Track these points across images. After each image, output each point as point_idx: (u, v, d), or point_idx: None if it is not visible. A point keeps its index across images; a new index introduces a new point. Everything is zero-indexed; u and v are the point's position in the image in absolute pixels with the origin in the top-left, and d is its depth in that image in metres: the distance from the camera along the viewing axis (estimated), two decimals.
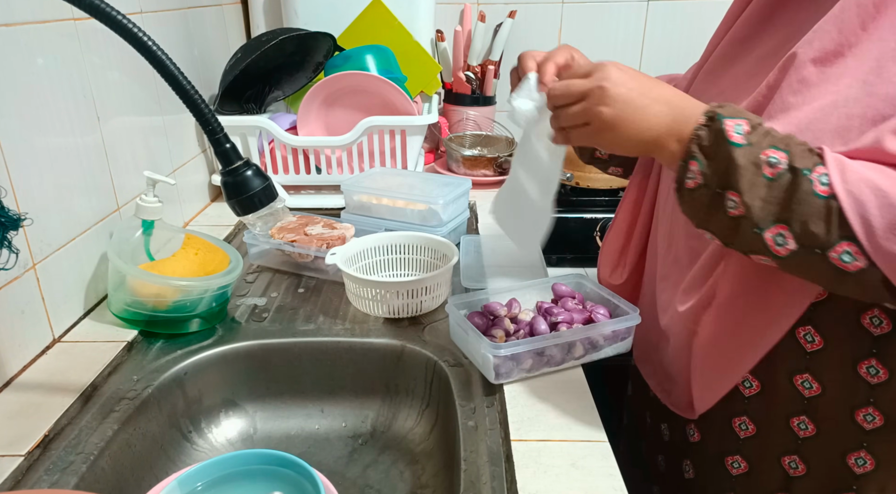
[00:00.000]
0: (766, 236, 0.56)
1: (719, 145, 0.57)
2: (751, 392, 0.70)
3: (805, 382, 0.64)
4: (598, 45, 1.68)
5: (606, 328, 0.74)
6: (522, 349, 0.70)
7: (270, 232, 0.95)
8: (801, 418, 0.67)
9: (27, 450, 0.61)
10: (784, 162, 0.54)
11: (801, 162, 0.54)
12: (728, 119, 0.56)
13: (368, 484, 0.74)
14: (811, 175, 0.53)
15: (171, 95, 0.58)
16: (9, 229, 0.59)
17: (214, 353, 0.80)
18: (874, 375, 0.63)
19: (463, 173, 1.41)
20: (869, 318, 0.61)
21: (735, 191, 0.56)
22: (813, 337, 0.64)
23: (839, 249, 0.53)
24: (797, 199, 0.54)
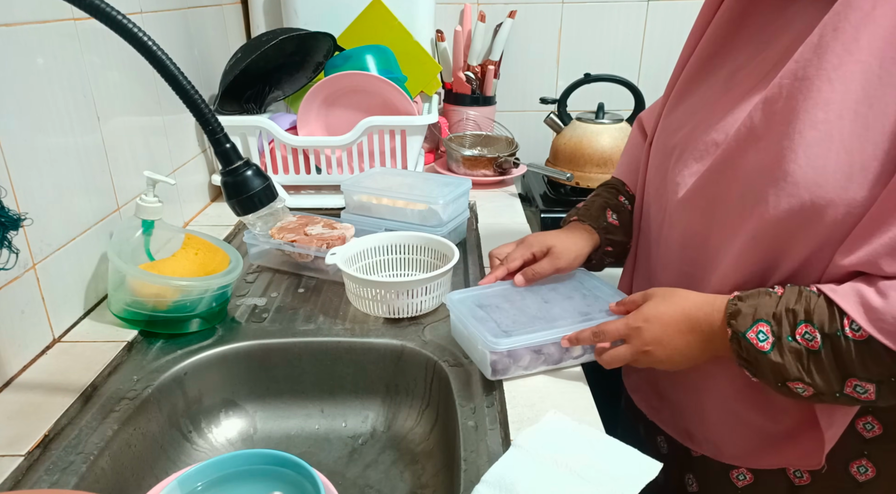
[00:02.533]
0: (846, 392, 0.58)
1: (756, 357, 0.60)
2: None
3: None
4: (598, 45, 1.68)
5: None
6: (520, 346, 0.70)
7: (270, 232, 0.95)
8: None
9: (27, 450, 0.61)
10: (816, 335, 0.58)
11: (829, 327, 0.57)
12: (749, 332, 0.60)
13: (368, 484, 0.74)
14: (845, 331, 0.56)
15: (171, 95, 0.58)
16: (9, 229, 0.59)
17: (214, 353, 0.80)
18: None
19: (463, 173, 1.41)
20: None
21: (793, 381, 0.59)
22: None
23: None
24: (845, 356, 0.57)
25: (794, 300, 0.59)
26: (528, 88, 1.72)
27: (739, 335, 0.60)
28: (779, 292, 0.61)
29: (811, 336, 0.58)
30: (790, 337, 0.58)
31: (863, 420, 0.66)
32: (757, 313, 0.60)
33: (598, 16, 1.66)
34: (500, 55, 1.61)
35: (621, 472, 0.58)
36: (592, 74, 1.49)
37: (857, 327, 0.56)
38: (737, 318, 0.61)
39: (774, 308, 0.60)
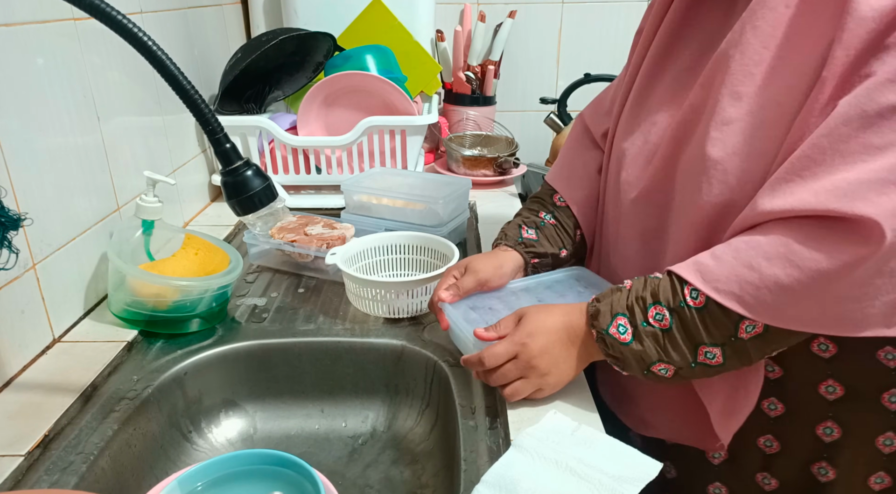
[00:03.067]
0: (700, 361, 0.63)
1: (620, 350, 0.64)
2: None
3: (768, 366, 0.70)
4: (597, 45, 1.68)
5: None
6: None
7: (270, 232, 0.95)
8: (770, 399, 0.72)
9: (27, 450, 0.61)
10: (665, 313, 0.62)
11: (674, 301, 0.62)
12: (611, 328, 0.64)
13: (368, 484, 0.74)
14: (686, 301, 0.61)
15: (171, 95, 0.58)
16: (9, 229, 0.59)
17: (214, 353, 0.80)
18: (825, 350, 0.68)
19: (463, 173, 1.41)
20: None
21: (655, 363, 0.64)
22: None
23: (742, 328, 0.60)
24: (692, 326, 0.61)
25: (641, 288, 0.64)
26: (528, 88, 1.73)
27: (603, 333, 0.64)
28: (627, 285, 0.66)
29: (661, 316, 0.62)
30: (644, 323, 0.63)
31: (824, 384, 0.70)
32: (613, 308, 0.64)
33: (598, 16, 1.66)
34: (500, 55, 1.61)
35: (621, 472, 0.58)
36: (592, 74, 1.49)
37: (696, 293, 0.60)
38: (598, 318, 0.65)
39: (626, 301, 0.64)
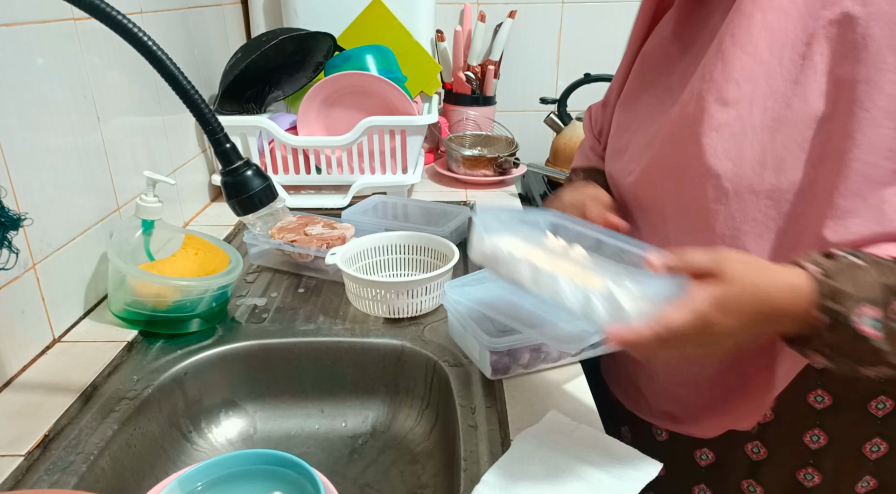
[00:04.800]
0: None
1: (850, 345, 0.53)
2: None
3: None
4: (597, 45, 1.68)
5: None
6: (519, 345, 0.70)
7: (270, 232, 0.95)
8: None
9: (27, 450, 0.61)
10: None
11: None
12: (852, 316, 0.51)
13: (368, 484, 0.74)
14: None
15: (171, 95, 0.58)
16: (9, 229, 0.59)
17: (214, 353, 0.80)
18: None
19: (463, 173, 1.41)
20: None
21: (885, 366, 0.54)
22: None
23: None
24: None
25: (881, 273, 0.51)
26: (528, 88, 1.72)
27: (844, 320, 0.51)
28: (858, 261, 0.53)
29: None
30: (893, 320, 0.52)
31: (814, 394, 0.70)
32: (859, 292, 0.51)
33: (598, 16, 1.66)
34: (500, 55, 1.61)
35: (621, 472, 0.58)
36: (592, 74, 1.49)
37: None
38: (837, 298, 0.51)
39: (872, 284, 0.51)
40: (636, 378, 0.84)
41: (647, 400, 0.83)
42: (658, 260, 0.54)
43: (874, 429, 0.71)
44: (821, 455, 0.73)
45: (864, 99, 0.57)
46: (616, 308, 0.51)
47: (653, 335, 0.50)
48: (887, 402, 0.69)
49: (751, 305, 0.52)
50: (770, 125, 0.61)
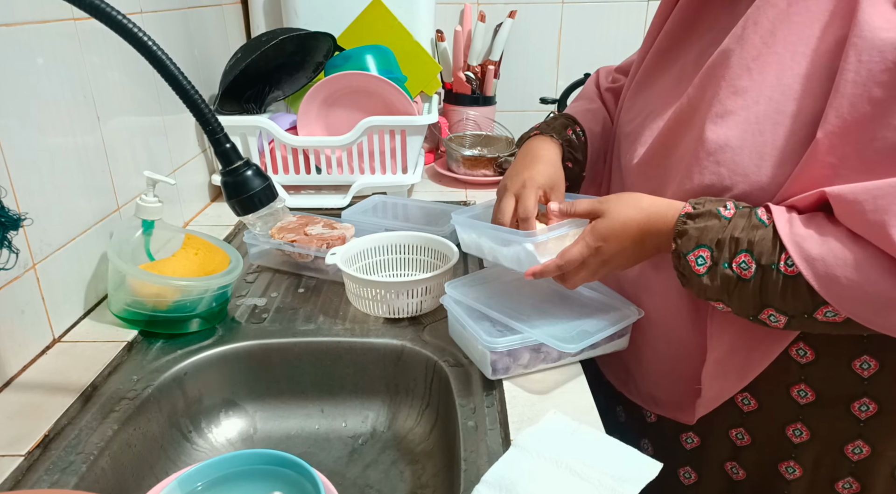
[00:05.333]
0: (760, 318, 0.63)
1: (689, 274, 0.64)
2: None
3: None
4: (597, 45, 1.68)
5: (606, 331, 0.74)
6: (519, 345, 0.70)
7: (270, 232, 0.95)
8: (745, 394, 0.75)
9: (27, 450, 0.61)
10: (752, 266, 0.61)
11: (767, 258, 0.60)
12: (690, 254, 0.63)
13: (368, 484, 0.74)
14: (779, 265, 0.59)
15: (171, 95, 0.58)
16: (9, 229, 0.59)
17: (214, 353, 0.80)
18: (802, 356, 0.70)
19: (463, 173, 1.42)
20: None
21: (716, 301, 0.64)
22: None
23: (821, 311, 0.59)
24: (772, 288, 0.60)
25: (741, 228, 0.61)
26: (528, 88, 1.72)
27: (681, 254, 0.64)
28: (728, 213, 0.62)
29: (747, 266, 0.61)
30: (726, 264, 0.62)
31: (797, 388, 0.72)
32: (701, 237, 0.63)
33: (598, 16, 1.66)
34: (500, 55, 1.61)
35: (621, 472, 0.58)
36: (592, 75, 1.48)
37: (792, 263, 0.59)
38: (682, 238, 0.64)
39: (720, 234, 0.62)
40: (626, 361, 0.85)
41: (636, 382, 0.85)
42: (554, 207, 0.73)
43: (856, 431, 0.71)
44: (802, 450, 0.74)
45: (829, 100, 0.58)
46: (529, 256, 0.71)
47: (554, 265, 0.69)
48: (870, 405, 0.70)
49: (625, 232, 0.67)
50: (774, 117, 0.62)
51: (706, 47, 0.73)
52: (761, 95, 0.62)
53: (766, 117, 0.62)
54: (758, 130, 0.62)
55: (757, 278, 0.60)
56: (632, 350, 0.81)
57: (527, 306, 0.78)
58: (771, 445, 0.76)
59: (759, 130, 0.62)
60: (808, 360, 0.70)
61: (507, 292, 0.81)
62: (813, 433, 0.73)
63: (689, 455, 0.82)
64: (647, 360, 0.82)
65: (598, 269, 0.70)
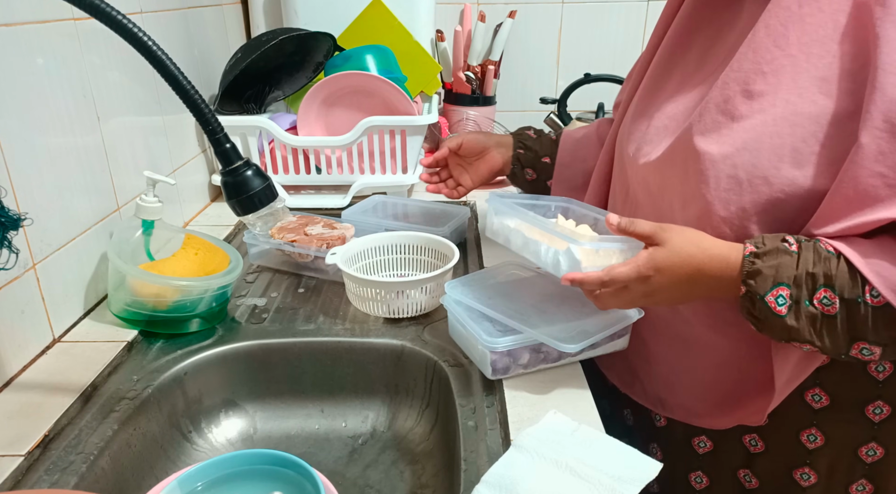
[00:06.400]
0: (852, 354, 0.60)
1: (769, 317, 0.60)
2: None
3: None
4: (597, 45, 1.68)
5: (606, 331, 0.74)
6: (519, 345, 0.70)
7: (270, 232, 0.95)
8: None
9: (27, 450, 0.61)
10: (835, 301, 0.58)
11: (850, 292, 0.57)
12: (768, 295, 0.59)
13: (368, 484, 0.74)
14: (864, 297, 0.57)
15: (171, 95, 0.58)
16: (9, 229, 0.59)
17: (214, 353, 0.80)
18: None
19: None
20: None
21: (803, 342, 0.60)
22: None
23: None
24: (860, 321, 0.58)
25: (812, 262, 0.58)
26: (528, 88, 1.72)
27: (756, 297, 0.60)
28: (794, 248, 0.60)
29: (829, 302, 0.58)
30: (808, 302, 0.59)
31: (811, 392, 0.71)
32: (778, 275, 0.59)
33: (598, 16, 1.66)
34: (500, 55, 1.61)
35: (621, 472, 0.58)
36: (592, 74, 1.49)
37: (877, 293, 0.56)
38: (755, 278, 0.60)
39: (795, 271, 0.59)
40: (632, 361, 0.84)
41: (643, 384, 0.84)
42: (615, 219, 0.67)
43: (870, 434, 0.71)
44: (817, 455, 0.73)
45: (867, 101, 0.57)
46: (573, 261, 0.67)
47: (597, 279, 0.65)
48: (884, 407, 0.69)
49: (681, 268, 0.63)
50: (791, 119, 0.61)
51: (709, 46, 0.72)
52: (777, 97, 0.62)
53: (784, 120, 0.61)
54: (775, 132, 0.61)
55: (843, 313, 0.58)
56: (638, 351, 0.81)
57: (527, 306, 0.78)
58: (785, 452, 0.75)
59: (776, 133, 0.61)
60: (823, 363, 0.69)
61: (507, 292, 0.81)
62: (827, 438, 0.72)
63: (701, 459, 0.81)
64: (655, 361, 0.81)
65: (638, 298, 0.66)
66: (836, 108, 0.59)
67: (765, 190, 0.62)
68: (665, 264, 0.63)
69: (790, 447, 0.74)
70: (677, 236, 0.63)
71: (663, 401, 0.82)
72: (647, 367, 0.83)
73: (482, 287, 0.82)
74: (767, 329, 0.62)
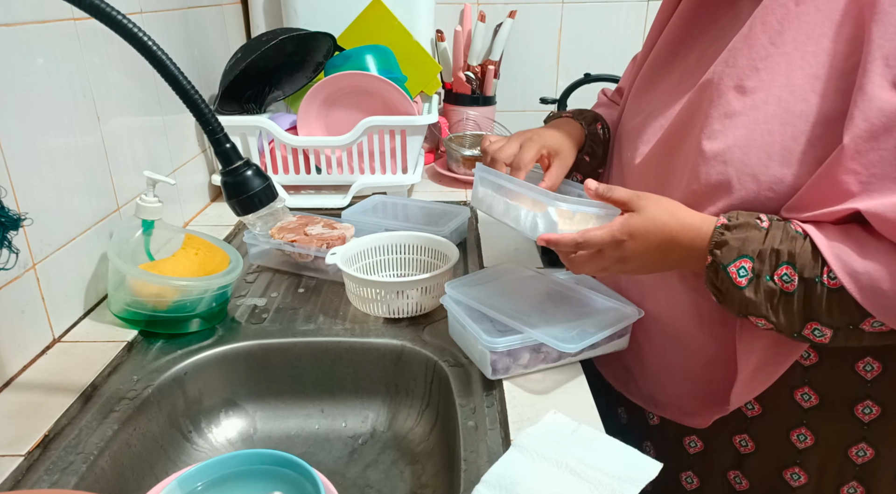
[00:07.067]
0: (804, 333, 0.61)
1: (729, 288, 0.62)
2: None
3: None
4: (597, 45, 1.68)
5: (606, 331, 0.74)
6: (519, 345, 0.70)
7: (270, 232, 0.95)
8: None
9: (27, 450, 0.61)
10: (795, 278, 0.59)
11: (809, 272, 0.58)
12: (731, 266, 0.61)
13: (368, 484, 0.74)
14: (822, 278, 0.58)
15: (171, 95, 0.58)
16: (9, 229, 0.59)
17: (214, 353, 0.80)
18: (806, 358, 0.69)
19: (463, 173, 1.41)
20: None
21: (758, 317, 0.62)
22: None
23: (868, 322, 0.58)
24: (816, 301, 0.59)
25: (779, 240, 0.60)
26: (528, 88, 1.72)
27: (720, 267, 0.61)
28: (765, 225, 0.61)
29: (789, 279, 0.59)
30: (769, 277, 0.60)
31: (800, 391, 0.71)
32: (743, 247, 0.60)
33: (598, 16, 1.66)
34: (500, 55, 1.61)
35: (621, 472, 0.58)
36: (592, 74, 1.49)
37: (834, 276, 0.58)
38: (721, 249, 0.61)
39: (761, 245, 0.60)
40: (627, 361, 0.85)
41: (636, 382, 0.85)
42: (592, 184, 0.67)
43: (860, 434, 0.71)
44: (807, 455, 0.73)
45: (852, 102, 0.57)
46: (550, 223, 0.68)
47: (572, 240, 0.65)
48: (874, 408, 0.69)
49: (654, 235, 0.64)
50: (783, 117, 0.61)
51: (708, 46, 0.72)
52: (770, 95, 0.62)
53: (775, 117, 0.61)
54: (766, 130, 0.62)
55: (800, 292, 0.59)
56: (633, 350, 0.81)
57: (527, 306, 0.78)
58: (775, 452, 0.75)
59: (767, 130, 0.62)
60: (811, 362, 0.69)
61: (507, 292, 0.81)
62: (817, 437, 0.72)
63: (692, 459, 0.82)
64: (648, 360, 0.81)
65: (611, 264, 0.67)
66: (826, 107, 0.59)
67: (752, 188, 0.63)
68: (639, 231, 0.64)
69: (780, 447, 0.74)
70: (653, 205, 0.64)
71: (655, 400, 0.82)
72: (640, 365, 0.83)
73: (482, 287, 0.82)
74: (727, 301, 0.63)
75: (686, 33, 0.77)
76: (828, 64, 0.60)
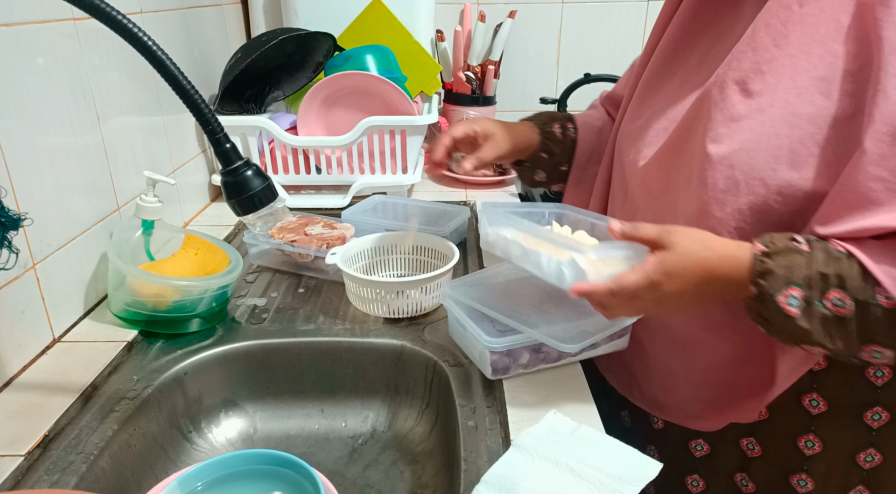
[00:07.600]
0: (863, 356, 0.58)
1: (780, 319, 0.58)
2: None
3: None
4: (597, 45, 1.68)
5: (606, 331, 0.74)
6: (519, 345, 0.70)
7: (270, 232, 0.95)
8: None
9: (27, 450, 0.61)
10: (848, 302, 0.56)
11: (863, 293, 0.55)
12: (780, 295, 0.57)
13: (368, 484, 0.74)
14: (877, 300, 0.55)
15: (171, 95, 0.58)
16: (9, 229, 0.59)
17: (214, 353, 0.80)
18: (815, 364, 0.69)
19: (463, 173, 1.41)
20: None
21: (813, 344, 0.58)
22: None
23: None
24: (873, 323, 0.56)
25: (823, 262, 0.56)
26: (528, 88, 1.72)
27: (768, 297, 0.57)
28: (805, 247, 0.58)
29: (842, 303, 0.56)
30: (819, 302, 0.56)
31: (808, 397, 0.71)
32: (789, 275, 0.56)
33: (598, 16, 1.66)
34: (500, 55, 1.61)
35: (621, 472, 0.58)
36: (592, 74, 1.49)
37: (890, 296, 0.55)
38: (766, 278, 0.57)
39: (807, 270, 0.56)
40: (630, 364, 0.84)
41: (640, 386, 0.84)
42: (617, 226, 0.63)
43: (868, 439, 0.71)
44: (814, 462, 0.73)
45: (870, 105, 0.56)
46: (578, 271, 0.64)
47: (607, 289, 0.61)
48: (883, 413, 0.69)
49: (692, 272, 0.60)
50: (789, 120, 0.60)
51: (709, 48, 0.72)
52: (776, 97, 0.61)
53: (782, 120, 0.61)
54: (773, 132, 0.61)
55: (857, 315, 0.56)
56: (636, 353, 0.81)
57: (527, 306, 0.78)
58: (782, 457, 0.75)
59: (774, 133, 0.61)
60: (820, 367, 0.69)
61: (507, 292, 0.81)
62: (825, 444, 0.72)
63: (697, 462, 0.81)
64: (653, 364, 0.81)
65: (649, 306, 0.63)
66: (835, 109, 0.59)
67: (761, 192, 0.62)
68: (675, 269, 0.59)
69: (787, 452, 0.74)
70: (685, 239, 0.60)
71: (660, 403, 0.82)
72: (644, 369, 0.83)
73: (482, 287, 0.82)
74: (777, 332, 0.59)
75: (686, 35, 0.76)
76: (834, 65, 0.59)
